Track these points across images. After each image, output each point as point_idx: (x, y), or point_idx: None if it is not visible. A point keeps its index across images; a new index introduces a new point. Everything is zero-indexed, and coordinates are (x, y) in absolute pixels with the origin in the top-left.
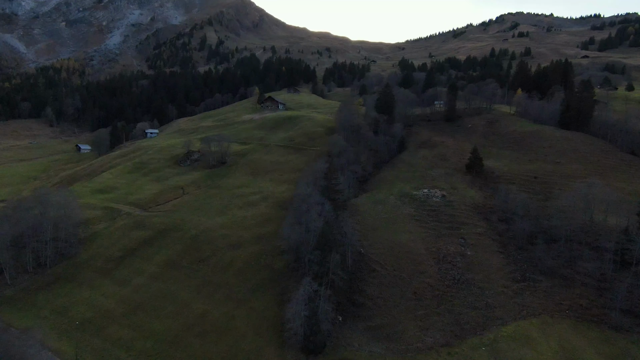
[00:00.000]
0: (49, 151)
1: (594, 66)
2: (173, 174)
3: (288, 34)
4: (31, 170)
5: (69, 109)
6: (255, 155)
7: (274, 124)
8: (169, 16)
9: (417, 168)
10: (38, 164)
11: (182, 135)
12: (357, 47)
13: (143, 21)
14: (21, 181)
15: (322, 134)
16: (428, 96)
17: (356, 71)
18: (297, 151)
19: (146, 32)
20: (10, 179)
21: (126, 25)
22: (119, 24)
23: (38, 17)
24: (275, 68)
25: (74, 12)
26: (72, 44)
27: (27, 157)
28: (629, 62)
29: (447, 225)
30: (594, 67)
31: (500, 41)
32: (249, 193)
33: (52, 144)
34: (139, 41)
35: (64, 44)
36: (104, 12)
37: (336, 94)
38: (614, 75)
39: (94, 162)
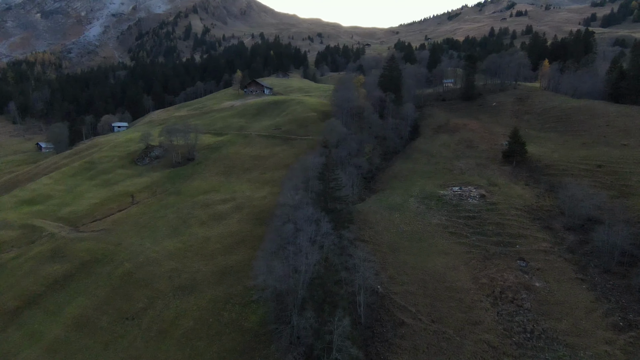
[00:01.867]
0: (5, 151)
1: (602, 42)
2: (125, 177)
3: (277, 21)
4: None
5: (37, 104)
6: (231, 149)
7: (257, 110)
8: (152, 5)
9: (438, 159)
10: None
11: (150, 128)
12: (349, 32)
13: (124, 11)
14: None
15: (316, 120)
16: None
17: (350, 54)
18: (285, 142)
19: (128, 22)
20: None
21: (106, 15)
22: (98, 14)
23: (11, 9)
24: (263, 53)
25: (50, 2)
26: (49, 36)
27: None
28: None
29: (496, 240)
30: (603, 43)
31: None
32: (218, 201)
33: (11, 143)
34: (121, 32)
35: (39, 36)
36: (82, 2)
37: (330, 78)
38: (628, 50)
39: (42, 163)
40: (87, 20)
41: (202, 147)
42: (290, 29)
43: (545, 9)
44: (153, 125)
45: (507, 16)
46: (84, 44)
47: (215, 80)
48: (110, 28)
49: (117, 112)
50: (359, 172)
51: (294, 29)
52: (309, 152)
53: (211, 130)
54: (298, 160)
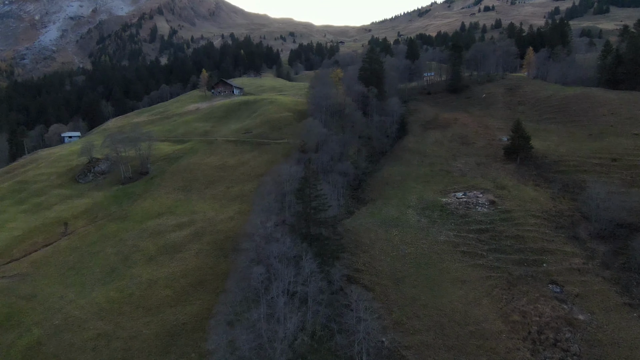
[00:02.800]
0: None
1: (569, 33)
2: (62, 198)
3: (248, 21)
4: None
5: None
6: (193, 158)
7: (224, 112)
8: (114, 7)
9: (433, 159)
10: None
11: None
12: (322, 31)
13: (83, 13)
14: None
15: (291, 121)
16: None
17: (324, 52)
18: (256, 147)
19: (88, 25)
20: None
21: (64, 18)
22: (54, 18)
23: None
24: (233, 52)
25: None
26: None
27: None
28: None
29: (519, 258)
30: (570, 34)
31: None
32: (173, 226)
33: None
34: (80, 35)
35: None
36: (36, 5)
37: (304, 77)
38: (598, 40)
39: None
40: (42, 24)
41: (159, 158)
42: (262, 29)
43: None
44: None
45: (475, 12)
46: (39, 49)
47: (182, 82)
48: (68, 32)
49: (73, 121)
50: (345, 179)
51: (266, 28)
52: (284, 159)
53: (171, 137)
54: (271, 171)
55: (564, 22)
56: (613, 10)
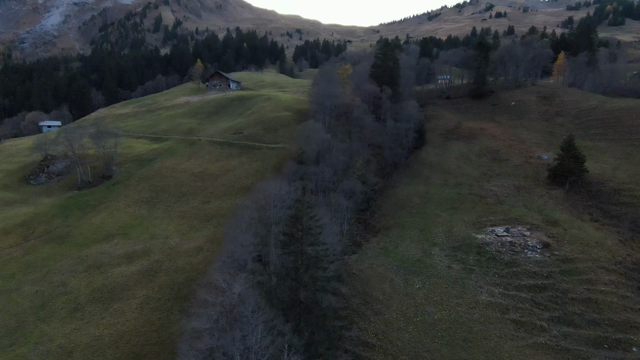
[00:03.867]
0: None
1: (595, 40)
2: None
3: (255, 16)
4: None
5: None
6: (168, 162)
7: (215, 108)
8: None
9: (459, 177)
10: None
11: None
12: (329, 29)
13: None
14: None
15: (289, 122)
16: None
17: (331, 50)
18: (245, 151)
19: (92, 12)
20: None
21: (67, 4)
22: (58, 3)
23: None
24: (235, 45)
25: None
26: (0, 24)
27: None
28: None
29: (596, 337)
30: (596, 42)
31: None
32: (120, 257)
33: None
34: (83, 22)
35: None
36: None
37: (309, 74)
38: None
39: None
40: (44, 8)
41: (129, 159)
42: (268, 25)
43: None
44: None
45: (487, 17)
46: (40, 33)
47: (179, 74)
48: (71, 17)
49: (59, 109)
50: (351, 201)
51: (272, 24)
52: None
53: (150, 133)
54: (256, 189)
55: (590, 28)
56: (628, 22)
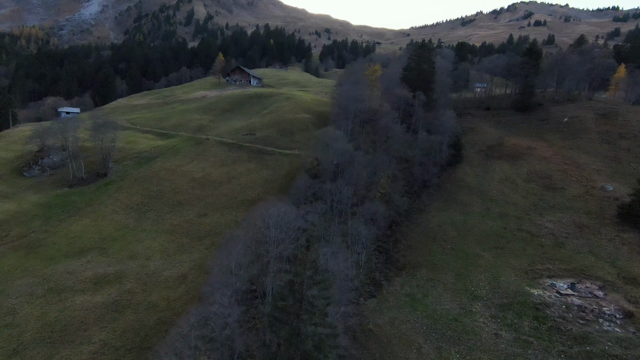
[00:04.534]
0: None
1: None
2: None
3: (285, 14)
4: None
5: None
6: (169, 162)
7: (231, 104)
8: None
9: (504, 206)
10: None
11: None
12: (358, 30)
13: None
14: None
15: (308, 125)
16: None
17: (359, 50)
18: (255, 156)
19: (128, 3)
20: None
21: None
22: None
23: None
24: (262, 41)
25: None
26: (43, 11)
27: None
28: None
29: None
30: None
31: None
32: (86, 281)
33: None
34: (119, 12)
35: (32, 10)
36: None
37: (334, 74)
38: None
39: None
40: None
41: (129, 155)
42: (298, 23)
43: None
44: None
45: (525, 25)
46: (78, 21)
47: (204, 67)
48: (109, 7)
49: (83, 96)
50: (373, 228)
51: (302, 22)
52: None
53: (157, 128)
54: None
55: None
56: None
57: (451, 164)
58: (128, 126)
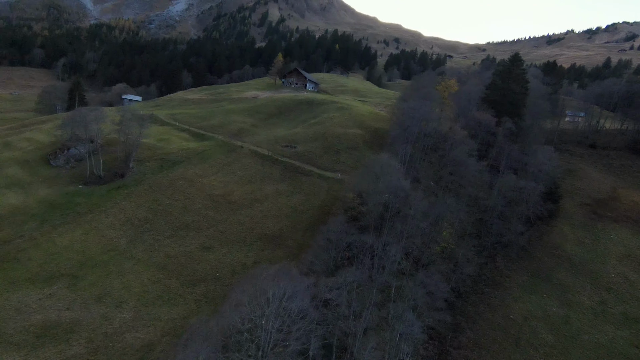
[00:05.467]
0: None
1: None
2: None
3: (356, 21)
4: None
5: (89, 65)
6: (191, 171)
7: (277, 108)
8: None
9: (631, 302)
10: None
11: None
12: (429, 42)
13: None
14: None
15: (358, 144)
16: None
17: (428, 62)
18: (290, 175)
19: (211, 3)
20: None
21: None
22: None
23: None
24: (327, 45)
25: None
26: (138, 6)
27: None
28: None
29: None
30: None
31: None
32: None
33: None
34: (202, 10)
35: (129, 5)
36: None
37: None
38: None
39: None
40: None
41: (155, 156)
42: (367, 30)
43: None
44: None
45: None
46: (166, 17)
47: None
48: (193, 6)
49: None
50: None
51: (371, 30)
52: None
53: (196, 126)
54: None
55: None
56: None
57: (543, 220)
58: (168, 122)
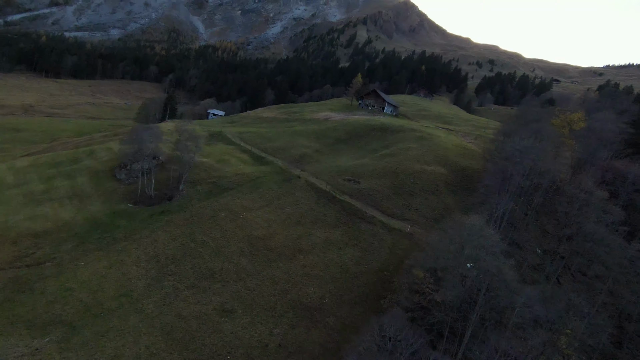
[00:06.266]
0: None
1: None
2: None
3: (446, 42)
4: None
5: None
6: (237, 202)
7: (348, 133)
8: (329, 14)
9: None
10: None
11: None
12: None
13: (305, 16)
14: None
15: (438, 185)
16: None
17: (528, 87)
18: (347, 221)
19: (303, 27)
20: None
21: (289, 18)
22: (283, 17)
23: (222, 5)
24: (413, 66)
25: (250, 2)
26: (241, 30)
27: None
28: None
29: None
30: None
31: None
32: None
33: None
34: (294, 33)
35: (234, 29)
36: (274, 5)
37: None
38: None
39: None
40: (272, 20)
41: (209, 178)
42: (458, 52)
43: None
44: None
45: None
46: (262, 39)
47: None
48: (287, 29)
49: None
50: None
51: (462, 52)
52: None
53: (259, 148)
54: None
55: None
56: None
57: None
58: (234, 141)
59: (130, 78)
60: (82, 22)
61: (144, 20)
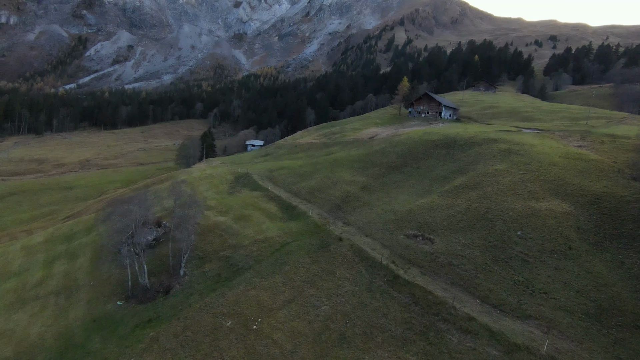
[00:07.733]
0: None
1: None
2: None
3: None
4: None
5: (235, 111)
6: (258, 289)
7: (401, 156)
8: (364, 22)
9: None
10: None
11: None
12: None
13: (339, 29)
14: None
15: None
16: None
17: (612, 57)
18: (426, 325)
19: (339, 39)
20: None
21: (324, 34)
22: (318, 34)
23: (260, 34)
24: (464, 58)
25: (286, 27)
26: (280, 54)
27: (148, 160)
28: None
29: None
30: None
31: None
32: None
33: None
34: (331, 48)
35: (273, 55)
36: (309, 25)
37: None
38: None
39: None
40: (308, 39)
41: (221, 251)
42: (510, 34)
43: None
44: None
45: None
46: (301, 59)
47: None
48: (324, 45)
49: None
50: None
51: (515, 33)
52: None
53: (291, 191)
54: None
55: None
56: None
57: None
58: (260, 184)
59: (179, 118)
60: (139, 74)
61: (191, 62)
